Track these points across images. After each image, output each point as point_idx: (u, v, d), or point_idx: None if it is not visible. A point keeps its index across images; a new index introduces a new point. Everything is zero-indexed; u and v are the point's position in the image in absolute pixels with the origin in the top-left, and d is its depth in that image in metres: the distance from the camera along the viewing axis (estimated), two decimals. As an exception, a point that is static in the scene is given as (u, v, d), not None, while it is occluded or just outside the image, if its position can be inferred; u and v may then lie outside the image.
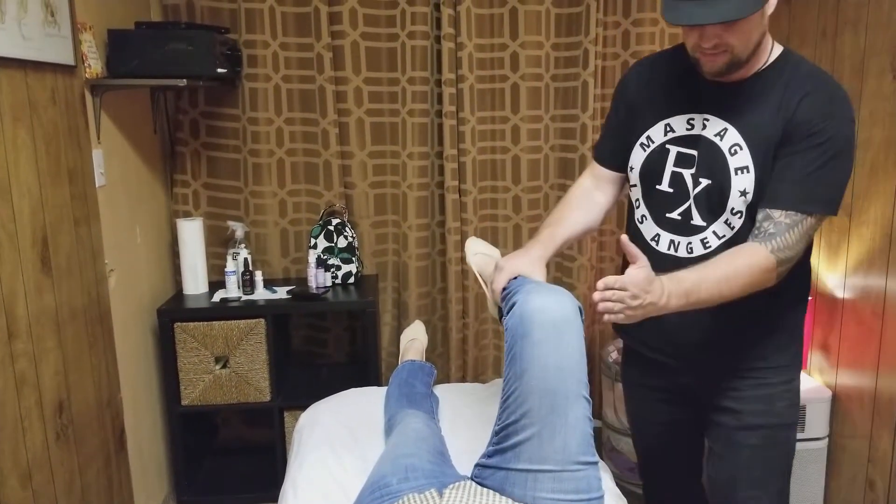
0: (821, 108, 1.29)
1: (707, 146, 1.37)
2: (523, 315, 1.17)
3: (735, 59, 1.30)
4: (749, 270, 1.26)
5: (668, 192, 1.43)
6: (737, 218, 1.36)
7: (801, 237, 1.28)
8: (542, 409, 1.13)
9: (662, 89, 1.45)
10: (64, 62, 1.87)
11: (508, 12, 2.76)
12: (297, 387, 2.72)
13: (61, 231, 1.81)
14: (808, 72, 1.34)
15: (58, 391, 1.76)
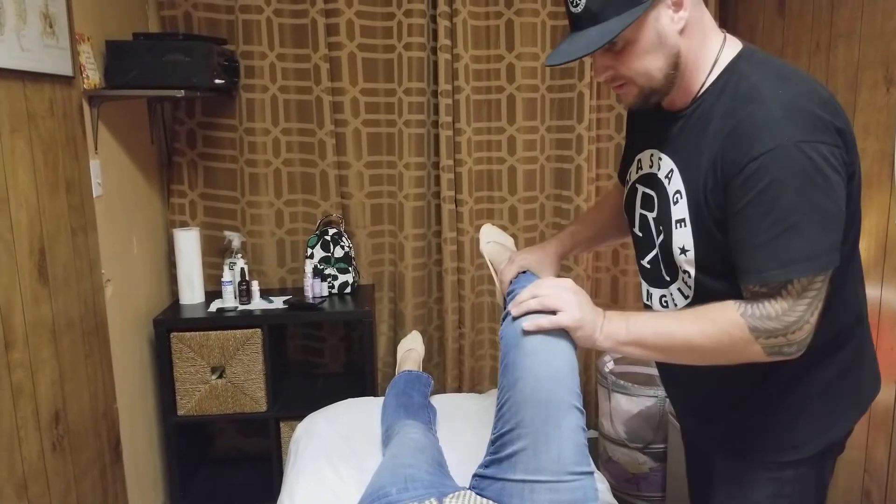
0: (753, 139, 1.02)
1: (660, 188, 1.20)
2: (516, 324, 1.18)
3: (649, 90, 1.13)
4: (715, 327, 1.07)
5: (639, 235, 1.29)
6: (687, 277, 1.16)
7: (789, 309, 1.03)
8: (536, 419, 1.13)
9: (639, 123, 1.32)
10: (62, 73, 1.87)
11: (504, 24, 2.78)
12: (293, 397, 2.71)
13: (58, 241, 1.81)
14: (748, 89, 1.07)
15: (54, 401, 1.75)
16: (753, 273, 1.04)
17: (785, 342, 1.05)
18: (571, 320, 1.13)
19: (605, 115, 2.92)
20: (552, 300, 1.15)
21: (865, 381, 1.27)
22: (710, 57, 1.14)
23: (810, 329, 1.05)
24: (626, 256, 3.01)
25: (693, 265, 1.15)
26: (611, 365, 2.71)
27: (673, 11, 1.09)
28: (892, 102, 1.86)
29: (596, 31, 1.07)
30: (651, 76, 1.12)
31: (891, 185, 1.87)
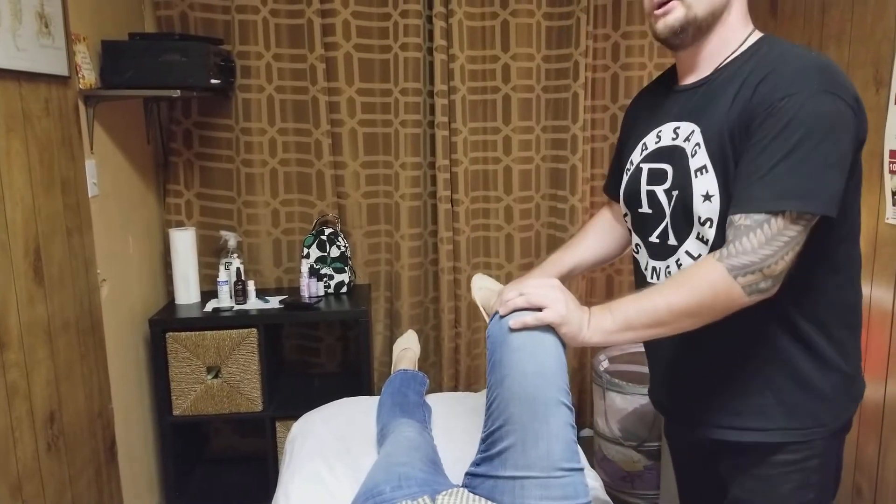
0: (782, 85, 1.09)
1: (678, 155, 1.23)
2: (503, 321, 1.19)
3: (691, 16, 1.19)
4: (693, 282, 1.10)
5: (647, 213, 1.31)
6: (707, 228, 1.18)
7: (767, 241, 1.06)
8: (524, 415, 1.14)
9: (644, 111, 1.39)
10: (58, 73, 1.88)
11: (500, 25, 2.79)
12: (289, 397, 2.72)
13: (54, 241, 1.82)
14: (781, 52, 1.15)
15: (49, 401, 1.76)
16: (746, 202, 1.08)
17: (761, 277, 1.07)
18: (556, 316, 1.14)
19: (599, 115, 2.93)
20: (537, 297, 1.16)
21: (858, 372, 1.30)
22: (741, 35, 1.22)
23: (785, 267, 1.08)
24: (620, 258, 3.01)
25: (717, 210, 1.16)
26: (606, 364, 2.73)
27: None
28: (882, 103, 1.88)
29: None
30: (702, 1, 1.18)
31: (881, 184, 1.89)
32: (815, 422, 1.22)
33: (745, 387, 1.24)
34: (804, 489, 1.24)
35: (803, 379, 1.21)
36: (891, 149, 1.83)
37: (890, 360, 1.88)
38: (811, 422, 1.22)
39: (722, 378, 1.26)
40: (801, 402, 1.22)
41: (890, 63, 1.84)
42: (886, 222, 1.87)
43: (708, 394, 1.27)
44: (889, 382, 1.88)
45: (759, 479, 1.25)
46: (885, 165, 1.86)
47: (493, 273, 2.98)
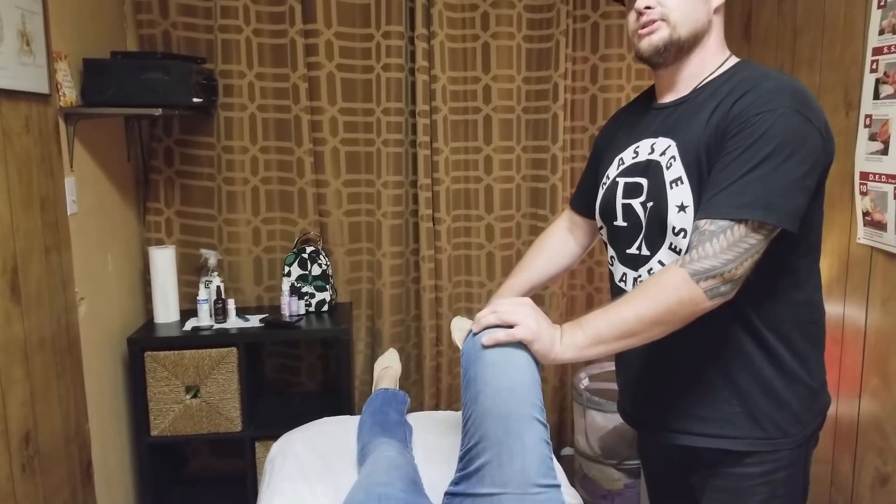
0: (758, 102, 1.14)
1: (654, 169, 1.28)
2: (476, 339, 1.20)
3: (675, 36, 1.24)
4: (657, 290, 1.12)
5: (623, 226, 1.35)
6: (681, 239, 1.22)
7: (728, 247, 1.10)
8: (498, 431, 1.15)
9: (622, 128, 1.43)
10: (38, 91, 1.87)
11: (481, 47, 2.83)
12: (269, 416, 2.70)
13: (32, 259, 1.80)
14: (759, 74, 1.21)
15: (24, 422, 1.73)
16: (712, 209, 1.13)
17: (721, 281, 1.11)
18: (528, 333, 1.16)
19: (578, 135, 2.97)
20: (508, 314, 1.18)
21: (823, 388, 1.33)
22: (719, 59, 1.29)
23: (744, 272, 1.12)
24: (600, 274, 3.05)
25: (692, 221, 1.20)
26: (586, 382, 2.74)
27: None
28: (852, 125, 1.93)
29: None
30: (686, 18, 1.24)
31: (852, 205, 1.93)
32: (780, 432, 1.25)
33: (711, 393, 1.27)
34: (772, 501, 1.26)
35: (768, 388, 1.24)
36: (861, 170, 1.88)
37: (863, 377, 1.91)
38: (777, 432, 1.25)
39: (687, 383, 1.29)
40: (767, 411, 1.25)
41: (859, 87, 1.90)
42: (858, 242, 1.92)
43: (674, 400, 1.30)
44: (863, 399, 1.91)
45: (727, 493, 1.28)
46: (855, 186, 1.91)
47: (474, 292, 2.99)
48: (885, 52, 1.78)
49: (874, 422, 1.87)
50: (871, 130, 1.83)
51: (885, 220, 1.78)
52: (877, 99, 1.81)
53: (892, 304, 1.80)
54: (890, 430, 1.81)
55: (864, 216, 1.87)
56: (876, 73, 1.82)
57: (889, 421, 1.81)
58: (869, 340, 1.89)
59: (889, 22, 1.76)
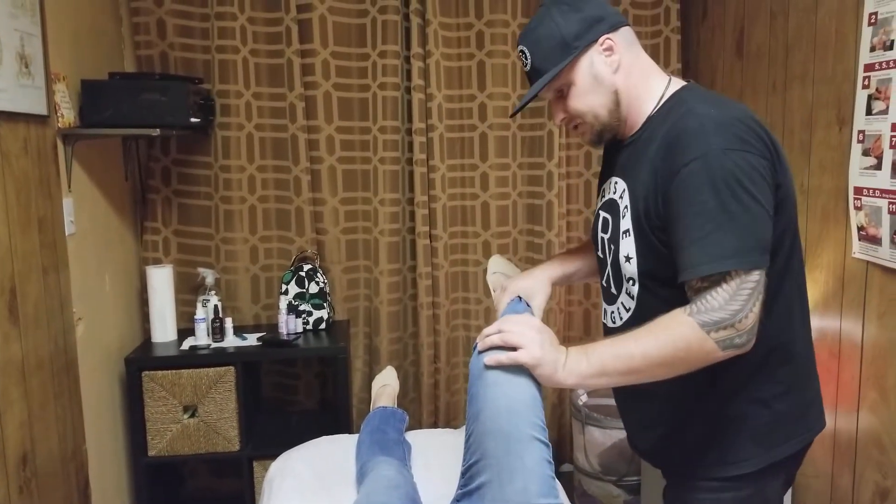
0: (685, 147, 1.12)
1: (615, 210, 1.30)
2: (480, 357, 1.21)
3: (599, 127, 1.28)
4: (668, 333, 1.11)
5: (599, 257, 1.39)
6: (631, 285, 1.26)
7: (731, 298, 1.08)
8: (499, 450, 1.15)
9: (608, 157, 1.44)
10: (37, 112, 1.89)
11: (476, 65, 2.86)
12: (267, 436, 2.68)
13: (30, 280, 1.80)
14: (685, 112, 1.17)
15: (22, 443, 1.72)
16: (689, 269, 1.11)
17: (735, 333, 1.09)
18: (530, 358, 1.15)
19: (574, 152, 2.99)
20: (514, 337, 1.17)
21: (808, 410, 1.31)
22: (655, 93, 1.27)
23: (755, 319, 1.10)
24: (597, 290, 3.06)
25: (636, 271, 1.24)
26: (584, 398, 2.74)
27: (605, 55, 1.25)
28: (845, 141, 1.94)
29: (539, 80, 1.26)
30: (596, 113, 1.26)
31: (846, 219, 1.95)
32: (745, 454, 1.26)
33: (722, 432, 1.27)
34: None
35: (770, 407, 1.25)
36: (855, 185, 1.90)
37: (861, 391, 1.92)
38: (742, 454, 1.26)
39: (703, 430, 1.29)
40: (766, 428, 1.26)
41: (851, 103, 1.92)
42: (853, 257, 1.93)
43: (694, 447, 1.29)
44: (861, 413, 1.91)
45: (677, 502, 1.33)
46: (850, 201, 1.92)
47: (471, 308, 2.99)
48: (877, 68, 1.80)
49: (873, 436, 1.87)
50: (865, 146, 1.85)
51: (880, 234, 1.79)
52: (869, 115, 1.83)
53: (888, 318, 1.81)
54: (889, 443, 1.81)
55: (859, 231, 1.89)
56: (868, 90, 1.84)
57: (888, 435, 1.81)
58: (866, 355, 1.89)
59: (880, 39, 1.79)
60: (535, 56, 1.25)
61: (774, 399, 1.25)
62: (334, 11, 2.74)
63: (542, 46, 1.24)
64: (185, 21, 2.68)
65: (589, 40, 1.23)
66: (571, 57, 1.23)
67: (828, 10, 2.04)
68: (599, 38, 1.24)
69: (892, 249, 1.75)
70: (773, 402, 1.25)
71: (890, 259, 1.76)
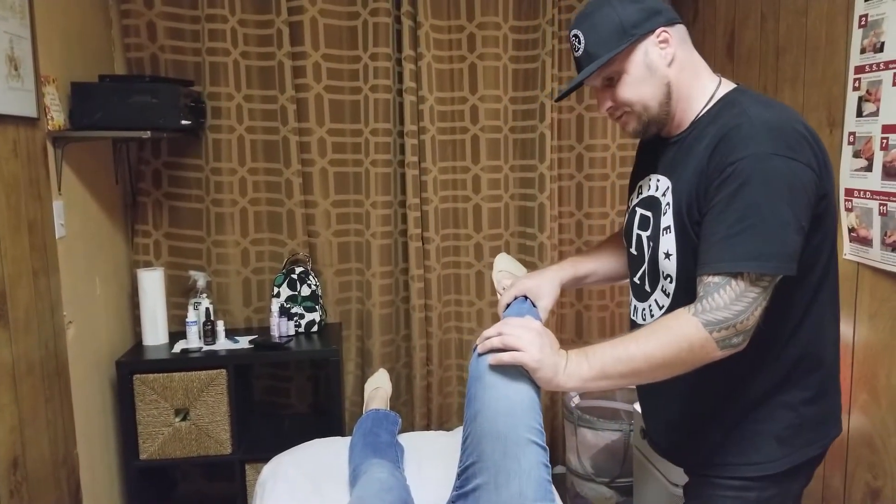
0: (735, 147, 1.13)
1: (657, 207, 1.31)
2: (481, 359, 1.21)
3: (647, 118, 1.27)
4: (670, 334, 1.13)
5: (633, 254, 1.39)
6: (668, 283, 1.27)
7: (735, 299, 1.10)
8: (495, 453, 1.15)
9: (645, 155, 1.44)
10: (26, 115, 1.87)
11: (468, 67, 2.86)
12: (259, 439, 2.68)
13: (20, 284, 1.79)
14: (739, 112, 1.18)
15: (13, 447, 1.71)
16: (708, 264, 1.14)
17: (734, 332, 1.11)
18: (531, 360, 1.15)
19: (566, 154, 3.00)
20: (514, 340, 1.17)
21: (830, 415, 1.33)
22: (706, 92, 1.27)
23: (755, 322, 1.13)
24: (589, 293, 3.06)
25: (675, 268, 1.25)
26: (577, 400, 2.74)
27: (660, 48, 1.24)
28: (836, 143, 1.96)
29: (592, 65, 1.24)
30: (646, 104, 1.25)
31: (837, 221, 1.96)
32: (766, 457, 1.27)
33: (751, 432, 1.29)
34: None
35: (797, 409, 1.27)
36: (846, 187, 1.91)
37: (852, 392, 1.93)
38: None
39: (727, 428, 1.30)
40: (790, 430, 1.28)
41: (842, 105, 1.93)
42: (844, 258, 1.94)
43: (716, 444, 1.31)
44: (852, 415, 1.92)
45: (700, 499, 1.33)
46: (840, 203, 1.94)
47: (463, 311, 2.99)
48: (867, 70, 1.81)
49: (864, 437, 1.88)
50: (855, 147, 1.86)
51: (871, 235, 1.80)
52: (860, 116, 1.84)
53: (879, 319, 1.82)
54: (880, 444, 1.82)
55: (850, 232, 1.90)
56: (858, 91, 1.85)
57: (879, 435, 1.82)
58: (857, 356, 1.91)
59: (870, 41, 1.80)
60: (590, 40, 1.24)
61: (802, 404, 1.27)
62: (325, 14, 2.74)
63: (599, 31, 1.23)
64: (175, 23, 2.67)
65: (647, 29, 1.23)
66: (628, 43, 1.22)
67: (818, 13, 2.05)
68: (656, 28, 1.23)
69: (883, 251, 1.76)
70: (801, 406, 1.27)
71: (881, 260, 1.77)
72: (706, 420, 1.31)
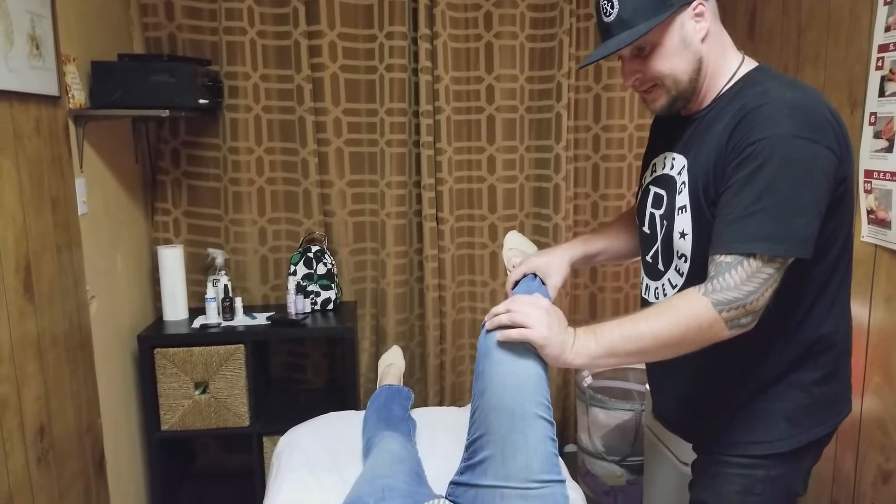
0: (756, 127, 1.12)
1: (671, 186, 1.29)
2: (489, 335, 1.22)
3: (675, 93, 1.25)
4: (679, 314, 1.13)
5: (646, 233, 1.38)
6: (683, 262, 1.27)
7: (747, 279, 1.10)
8: (502, 427, 1.17)
9: (661, 132, 1.42)
10: (48, 93, 1.91)
11: (484, 47, 2.85)
12: (276, 412, 2.73)
13: (44, 258, 1.84)
14: (761, 92, 1.17)
15: (39, 416, 1.77)
16: (722, 244, 1.13)
17: (744, 312, 1.11)
18: (539, 337, 1.16)
19: (582, 135, 2.99)
20: (522, 317, 1.18)
21: (840, 395, 1.34)
22: (729, 69, 1.26)
23: (765, 302, 1.13)
24: (603, 274, 3.07)
25: (690, 248, 1.24)
26: (589, 380, 2.76)
27: (695, 21, 1.22)
28: (857, 123, 1.94)
29: (627, 33, 1.20)
30: (677, 78, 1.23)
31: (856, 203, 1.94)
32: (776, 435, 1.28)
33: (763, 411, 1.29)
34: (748, 495, 1.29)
35: (808, 390, 1.28)
36: (865, 168, 1.89)
37: (866, 375, 1.92)
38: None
39: (736, 407, 1.31)
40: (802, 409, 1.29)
41: (864, 84, 1.90)
42: (862, 240, 1.93)
43: (727, 422, 1.32)
44: (865, 397, 1.92)
45: (708, 476, 1.35)
46: (860, 184, 1.92)
47: (477, 291, 3.01)
48: (892, 48, 1.78)
49: (877, 419, 1.88)
50: (876, 128, 1.84)
51: (890, 218, 1.78)
52: (882, 96, 1.82)
53: (895, 302, 1.81)
54: (892, 427, 1.82)
55: (869, 214, 1.88)
56: (881, 71, 1.82)
57: (891, 418, 1.82)
58: (872, 338, 1.90)
59: (895, 19, 1.76)
60: (625, 6, 1.19)
61: (813, 384, 1.27)
62: (342, -8, 2.74)
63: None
64: (192, 2, 2.69)
65: (685, 1, 1.20)
66: (667, 14, 1.18)
67: (840, -9, 2.02)
68: (693, 1, 1.21)
69: (898, 232, 1.75)
70: (812, 386, 1.27)
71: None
72: (716, 399, 1.32)
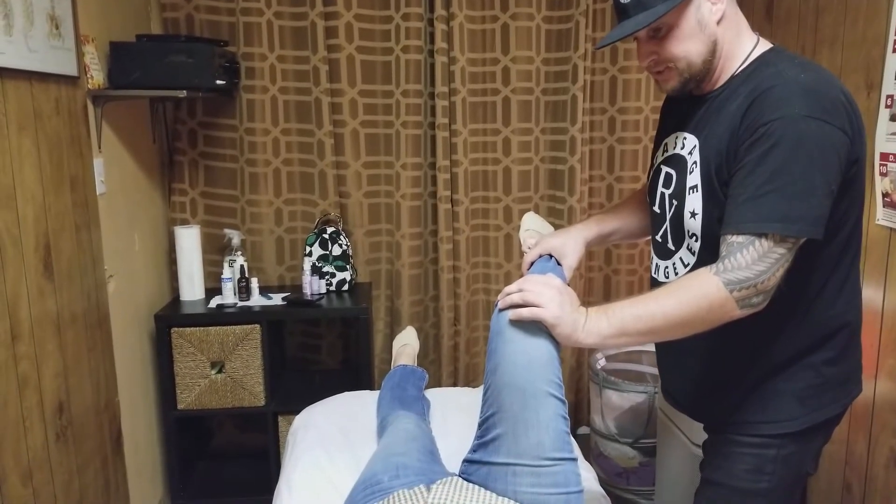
0: (768, 108, 1.13)
1: (682, 166, 1.30)
2: (501, 314, 1.23)
3: (688, 75, 1.25)
4: (690, 293, 1.13)
5: (656, 212, 1.39)
6: (694, 241, 1.28)
7: (758, 259, 1.11)
8: (514, 405, 1.18)
9: (672, 111, 1.42)
10: (67, 73, 1.93)
11: (500, 28, 2.84)
12: (291, 392, 2.76)
13: (63, 237, 1.86)
14: (774, 73, 1.17)
15: (58, 393, 1.80)
16: (733, 223, 1.14)
17: (755, 292, 1.12)
18: (550, 316, 1.17)
19: (598, 117, 2.97)
20: (534, 296, 1.19)
21: (851, 375, 1.34)
22: (744, 51, 1.26)
23: (776, 282, 1.13)
24: (617, 256, 3.06)
25: (700, 228, 1.24)
26: (602, 362, 2.77)
27: (712, 3, 1.22)
28: (873, 106, 1.92)
29: (644, 15, 1.20)
30: (691, 61, 1.23)
31: (871, 186, 1.93)
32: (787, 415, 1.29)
33: (772, 390, 1.30)
34: (759, 474, 1.30)
35: (818, 370, 1.28)
36: (881, 151, 1.87)
37: (880, 358, 1.92)
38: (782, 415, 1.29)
39: (748, 388, 1.32)
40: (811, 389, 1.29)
41: (881, 67, 1.88)
42: (876, 223, 1.91)
43: (738, 402, 1.32)
44: (879, 380, 1.92)
45: (719, 456, 1.35)
46: (875, 167, 1.90)
47: (491, 273, 3.02)
48: (908, 31, 1.76)
49: (890, 402, 1.87)
50: (892, 111, 1.82)
51: (904, 200, 1.77)
52: (898, 79, 1.80)
53: (909, 284, 1.80)
54: (905, 410, 1.82)
55: (884, 197, 1.87)
56: (898, 53, 1.80)
57: (904, 401, 1.82)
58: (886, 321, 1.89)
59: (912, 1, 1.74)
60: None
61: (825, 364, 1.28)
62: (358, -27, 2.73)
63: None
64: (210, -17, 2.69)
65: None
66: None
67: (860, -29, 1.99)
68: None
69: (916, 216, 1.73)
70: (823, 366, 1.28)
71: (913, 225, 1.75)
72: (728, 379, 1.33)
